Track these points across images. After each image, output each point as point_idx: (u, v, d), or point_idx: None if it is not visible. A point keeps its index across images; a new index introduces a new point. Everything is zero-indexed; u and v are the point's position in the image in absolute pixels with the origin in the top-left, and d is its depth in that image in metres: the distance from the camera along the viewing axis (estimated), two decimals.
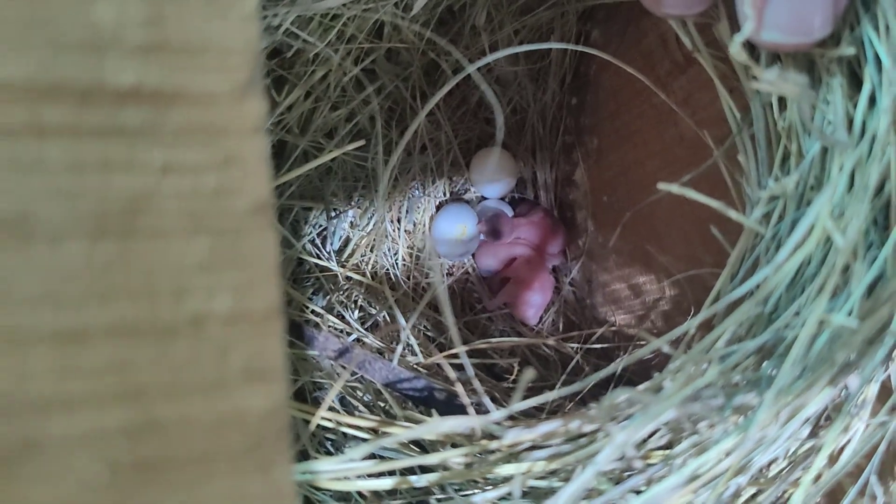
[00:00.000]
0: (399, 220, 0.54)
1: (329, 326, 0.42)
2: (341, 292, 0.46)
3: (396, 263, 0.54)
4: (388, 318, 0.48)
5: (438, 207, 0.58)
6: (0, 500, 0.15)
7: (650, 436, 0.27)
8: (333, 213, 0.48)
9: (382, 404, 0.39)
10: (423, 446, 0.32)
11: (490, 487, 0.29)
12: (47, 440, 0.15)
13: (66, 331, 0.15)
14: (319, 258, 0.47)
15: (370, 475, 0.29)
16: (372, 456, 0.32)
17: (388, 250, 0.53)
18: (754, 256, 0.30)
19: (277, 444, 0.17)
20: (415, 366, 0.39)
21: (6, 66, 0.15)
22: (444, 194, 0.59)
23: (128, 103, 0.16)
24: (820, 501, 0.28)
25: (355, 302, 0.48)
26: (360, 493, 0.33)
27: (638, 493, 0.24)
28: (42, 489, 0.15)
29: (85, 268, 0.16)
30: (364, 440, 0.32)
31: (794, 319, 0.26)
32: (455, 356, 0.26)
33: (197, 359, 0.16)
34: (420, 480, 0.28)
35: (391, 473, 0.29)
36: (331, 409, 0.32)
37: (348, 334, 0.43)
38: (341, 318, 0.45)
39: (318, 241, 0.49)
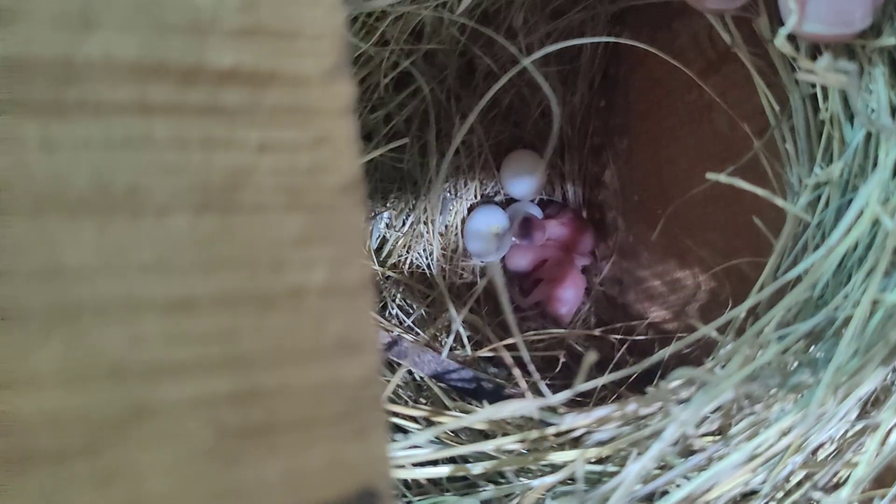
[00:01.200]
0: (432, 222, 0.55)
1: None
2: (382, 291, 0.46)
3: (431, 264, 0.54)
4: (425, 315, 0.49)
5: (470, 209, 0.59)
6: (112, 463, 0.15)
7: (703, 420, 0.28)
8: (371, 214, 0.49)
9: (424, 400, 0.39)
10: (475, 436, 0.33)
11: (544, 473, 0.30)
12: (157, 405, 0.16)
13: (174, 299, 0.16)
14: None
15: (427, 462, 0.30)
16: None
17: (424, 250, 0.54)
18: (801, 244, 0.30)
19: (372, 411, 0.17)
20: (462, 359, 0.40)
21: (115, 47, 0.16)
22: (476, 196, 0.60)
23: (227, 84, 0.17)
24: (866, 485, 0.28)
25: (394, 300, 0.48)
26: (410, 481, 0.33)
27: (700, 471, 0.25)
28: (152, 453, 0.16)
29: (190, 239, 0.16)
30: (413, 431, 0.32)
31: (844, 302, 0.27)
32: (502, 347, 0.27)
33: (295, 328, 0.17)
34: (476, 467, 0.28)
35: (449, 461, 0.30)
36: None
37: (389, 331, 0.43)
38: (381, 314, 0.45)
39: None
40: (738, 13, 0.32)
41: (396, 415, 0.28)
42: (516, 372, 0.27)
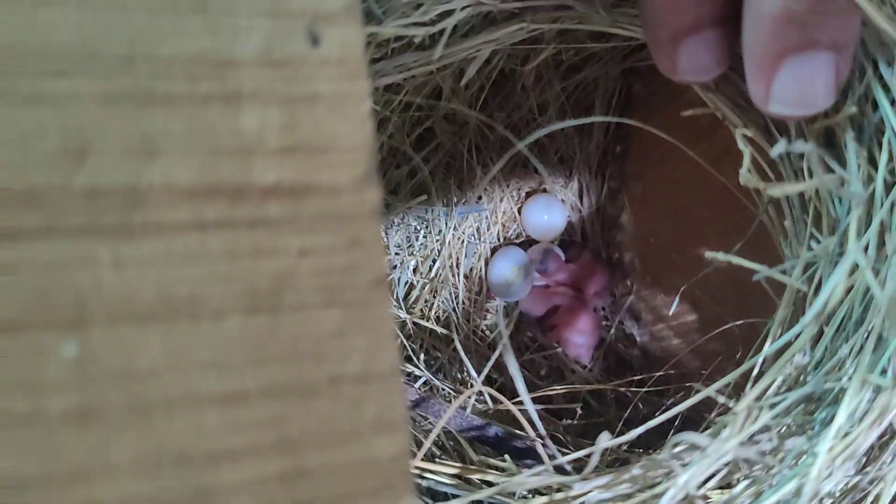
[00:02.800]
0: (458, 265, 0.57)
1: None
2: (410, 339, 0.49)
3: (457, 308, 0.56)
4: (450, 361, 0.51)
5: (493, 251, 0.61)
6: None
7: (708, 479, 0.29)
8: (397, 263, 0.52)
9: (450, 451, 0.41)
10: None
11: None
12: (218, 488, 0.18)
13: (230, 392, 0.18)
14: None
15: None
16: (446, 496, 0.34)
17: (450, 294, 0.56)
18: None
19: (404, 484, 0.19)
20: (485, 412, 0.42)
21: (174, 172, 0.18)
22: (498, 239, 0.62)
23: (270, 198, 0.19)
24: None
25: (422, 346, 0.51)
26: None
27: None
28: None
29: (241, 339, 0.18)
30: (445, 484, 0.34)
31: (837, 372, 0.28)
32: (521, 401, 0.29)
33: (335, 413, 0.19)
34: None
35: None
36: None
37: (417, 377, 0.46)
38: (409, 360, 0.48)
39: None
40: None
41: (427, 471, 0.30)
42: (539, 448, 0.29)
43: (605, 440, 0.23)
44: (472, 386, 0.47)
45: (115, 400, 0.17)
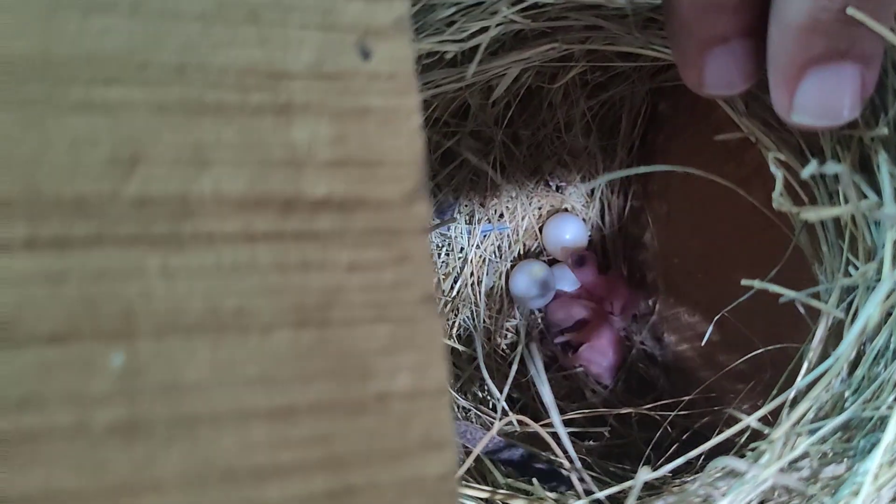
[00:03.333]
0: (479, 284, 0.57)
1: None
2: None
3: (478, 326, 0.56)
4: (471, 379, 0.50)
5: (513, 265, 0.61)
6: None
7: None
8: None
9: (473, 473, 0.41)
10: None
11: None
12: None
13: (277, 408, 0.18)
14: None
15: None
16: None
17: (471, 313, 0.56)
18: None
19: (450, 503, 0.19)
20: (510, 433, 0.41)
21: (224, 183, 0.18)
22: (519, 258, 0.62)
23: (320, 211, 0.19)
24: None
25: None
26: None
27: None
28: None
29: (290, 354, 0.18)
30: None
31: (875, 400, 0.27)
32: (549, 424, 0.28)
33: (383, 430, 0.19)
34: None
35: None
36: None
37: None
38: None
39: None
40: (756, 91, 0.33)
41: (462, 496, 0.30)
42: (574, 478, 0.29)
43: (645, 475, 0.23)
44: (492, 404, 0.47)
45: (162, 413, 0.17)
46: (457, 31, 0.32)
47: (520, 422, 0.40)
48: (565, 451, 0.29)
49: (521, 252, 0.61)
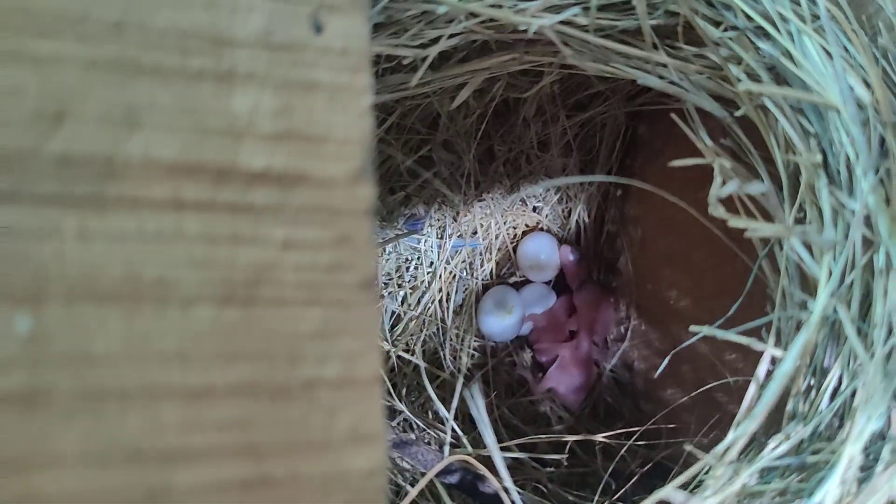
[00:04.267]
0: (448, 300, 0.56)
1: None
2: (393, 372, 0.47)
3: (444, 343, 0.55)
4: (434, 397, 0.49)
5: (485, 289, 0.60)
6: None
7: None
8: (385, 294, 0.50)
9: (425, 493, 0.39)
10: None
11: None
12: (172, 491, 0.16)
13: (193, 388, 0.17)
14: None
15: None
16: None
17: (438, 330, 0.55)
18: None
19: (377, 502, 0.18)
20: (463, 455, 0.40)
21: (155, 147, 0.17)
22: (491, 277, 0.61)
23: (257, 184, 0.18)
24: None
25: (404, 380, 0.49)
26: None
27: None
28: None
29: (212, 331, 0.17)
30: None
31: (828, 444, 0.27)
32: (501, 448, 0.27)
33: (308, 420, 0.17)
34: None
35: None
36: None
37: (397, 412, 0.44)
38: (390, 394, 0.46)
39: None
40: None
41: None
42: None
43: None
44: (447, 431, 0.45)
45: (66, 385, 0.16)
46: (412, 37, 0.31)
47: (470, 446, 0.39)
48: (505, 489, 0.28)
49: (495, 271, 0.60)
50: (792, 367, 0.24)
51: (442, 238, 0.53)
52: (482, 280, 0.59)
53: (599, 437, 0.41)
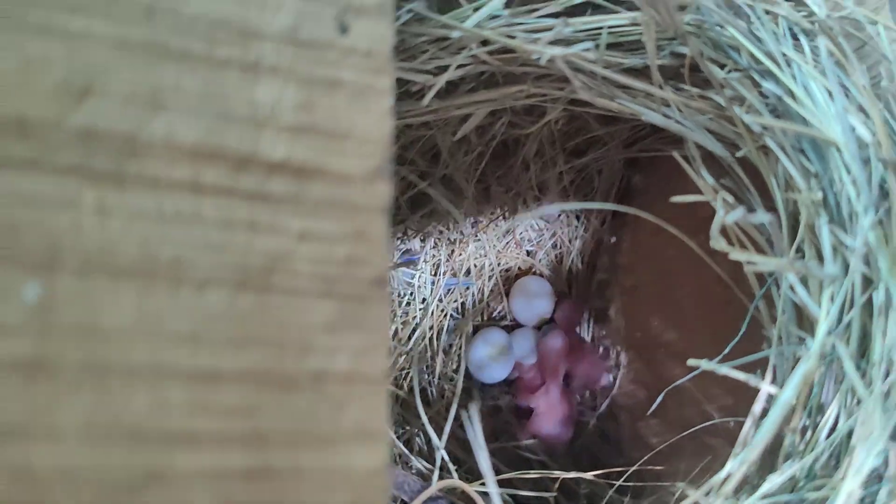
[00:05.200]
0: (438, 338, 0.56)
1: None
2: None
3: (433, 381, 0.54)
4: (419, 433, 0.48)
5: (475, 330, 0.59)
6: None
7: None
8: None
9: None
10: None
11: None
12: (171, 473, 0.16)
13: (201, 370, 0.16)
14: None
15: None
16: None
17: (427, 367, 0.54)
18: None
19: (379, 502, 0.17)
20: (450, 482, 0.39)
21: (178, 129, 0.17)
22: (482, 318, 0.60)
23: (276, 174, 0.18)
24: None
25: (390, 414, 0.48)
26: None
27: None
28: None
29: (224, 315, 0.17)
30: None
31: (827, 480, 0.26)
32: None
33: (314, 412, 0.17)
34: None
35: None
36: None
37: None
38: None
39: None
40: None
41: None
42: None
43: None
44: (436, 460, 0.45)
45: (73, 357, 0.15)
46: (423, 62, 0.31)
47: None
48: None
49: (486, 313, 0.60)
50: (791, 396, 0.24)
51: (436, 275, 0.53)
52: (473, 321, 0.59)
53: (589, 475, 0.41)
